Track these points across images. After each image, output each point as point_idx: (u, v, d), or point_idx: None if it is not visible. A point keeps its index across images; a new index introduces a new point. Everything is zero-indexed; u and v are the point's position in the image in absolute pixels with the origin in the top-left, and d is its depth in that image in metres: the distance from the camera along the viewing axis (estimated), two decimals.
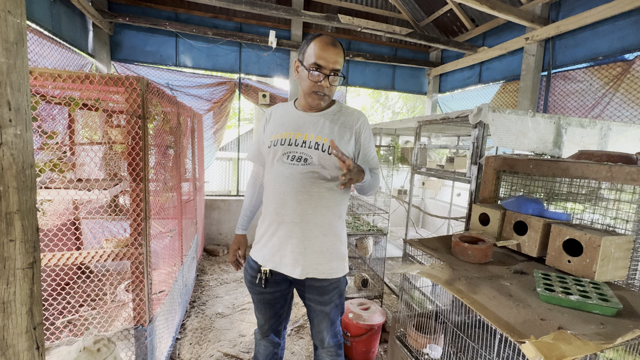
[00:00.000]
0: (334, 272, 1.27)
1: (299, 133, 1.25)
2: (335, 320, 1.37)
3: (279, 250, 1.25)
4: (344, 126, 1.25)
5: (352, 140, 1.26)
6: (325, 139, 1.21)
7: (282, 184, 1.22)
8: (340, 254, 1.30)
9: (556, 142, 1.95)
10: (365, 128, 1.29)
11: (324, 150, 1.20)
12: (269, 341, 1.48)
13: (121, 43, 4.03)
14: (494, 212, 1.58)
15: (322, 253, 1.25)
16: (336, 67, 1.18)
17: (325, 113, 1.27)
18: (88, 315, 2.14)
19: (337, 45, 1.19)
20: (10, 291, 0.62)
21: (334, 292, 1.30)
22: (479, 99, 4.63)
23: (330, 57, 1.15)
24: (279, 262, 1.25)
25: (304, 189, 1.20)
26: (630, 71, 2.80)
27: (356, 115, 1.29)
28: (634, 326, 0.87)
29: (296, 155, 1.23)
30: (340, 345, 1.41)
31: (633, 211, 1.32)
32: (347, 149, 1.24)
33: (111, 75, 1.38)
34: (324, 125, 1.24)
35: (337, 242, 1.29)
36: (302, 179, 1.20)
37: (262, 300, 1.36)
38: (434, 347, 1.38)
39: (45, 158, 1.56)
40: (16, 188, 0.62)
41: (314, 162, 1.20)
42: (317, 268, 1.24)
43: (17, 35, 0.60)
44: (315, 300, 1.30)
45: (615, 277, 1.17)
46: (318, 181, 1.21)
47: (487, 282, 1.16)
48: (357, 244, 2.82)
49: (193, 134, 3.08)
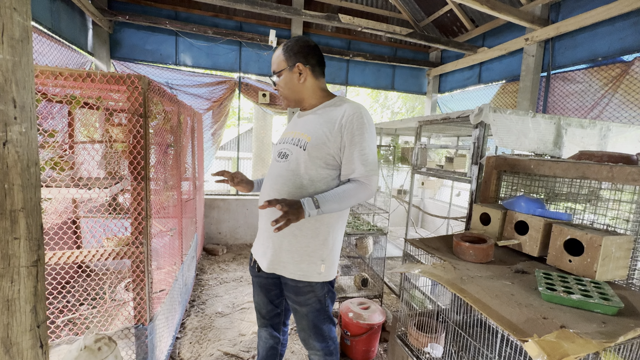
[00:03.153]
0: (304, 274, 1.21)
1: (292, 132, 1.29)
2: (318, 324, 1.31)
3: (258, 241, 1.36)
4: (329, 120, 1.18)
5: (338, 136, 1.15)
6: (305, 135, 1.21)
7: (267, 180, 1.30)
8: (314, 256, 1.21)
9: (556, 143, 1.95)
10: (353, 122, 1.14)
11: (301, 146, 1.20)
12: (268, 333, 1.50)
13: (121, 41, 4.02)
14: (495, 211, 1.58)
15: (291, 253, 1.21)
16: (273, 69, 1.27)
17: (316, 109, 1.27)
18: (89, 314, 2.13)
19: (278, 48, 1.26)
20: (15, 289, 0.62)
21: (309, 296, 1.25)
22: (479, 99, 4.64)
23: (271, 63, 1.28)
24: (256, 252, 1.36)
25: (276, 185, 1.23)
26: (629, 72, 2.81)
27: (346, 108, 1.18)
28: (635, 325, 0.87)
29: (282, 152, 1.26)
30: (330, 352, 1.36)
31: (633, 211, 1.33)
32: (327, 145, 1.16)
33: (113, 73, 1.37)
34: (310, 122, 1.24)
35: (313, 243, 1.21)
36: (279, 176, 1.23)
37: (259, 284, 1.42)
38: (435, 346, 1.39)
39: (45, 156, 1.56)
40: (21, 186, 0.62)
41: (292, 159, 1.21)
42: (285, 267, 1.23)
43: (22, 32, 0.59)
44: (290, 298, 1.31)
45: (616, 277, 1.18)
46: (292, 179, 1.19)
47: (489, 281, 1.17)
48: (357, 243, 2.82)
49: (193, 133, 3.07)
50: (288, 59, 1.22)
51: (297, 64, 1.21)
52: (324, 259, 1.23)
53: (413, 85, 5.51)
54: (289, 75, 1.23)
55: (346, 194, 1.13)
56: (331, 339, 1.36)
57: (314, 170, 1.17)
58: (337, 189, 1.15)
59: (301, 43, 1.23)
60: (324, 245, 1.22)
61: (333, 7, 4.75)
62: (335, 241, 1.26)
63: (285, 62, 1.22)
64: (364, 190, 1.15)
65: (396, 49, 5.24)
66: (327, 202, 1.11)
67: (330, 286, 1.31)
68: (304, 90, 1.25)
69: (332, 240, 1.25)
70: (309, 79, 1.24)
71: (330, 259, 1.26)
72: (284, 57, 1.22)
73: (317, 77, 1.26)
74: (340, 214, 1.25)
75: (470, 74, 4.77)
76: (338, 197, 1.12)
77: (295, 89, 1.24)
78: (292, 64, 1.22)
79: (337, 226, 1.26)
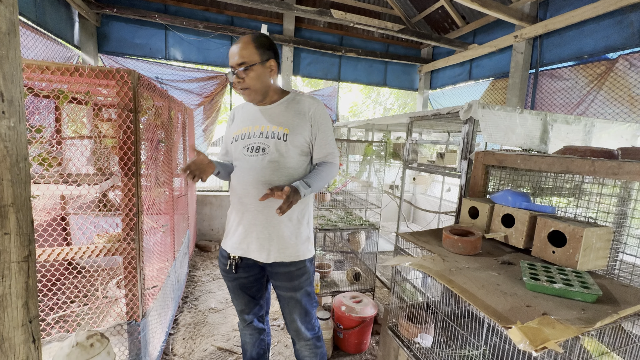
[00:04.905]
0: (300, 254, 1.32)
1: (257, 126, 1.32)
2: (309, 310, 1.40)
3: (245, 238, 1.31)
4: (299, 113, 1.30)
5: (308, 126, 1.30)
6: (281, 127, 1.28)
7: (245, 175, 1.29)
8: (304, 236, 1.35)
9: (543, 138, 2.01)
10: (320, 113, 1.31)
11: (280, 138, 1.26)
12: (253, 328, 1.53)
13: (108, 35, 3.93)
14: (482, 205, 1.62)
15: (288, 237, 1.30)
16: (239, 62, 1.23)
17: (279, 103, 1.34)
18: (80, 311, 2.11)
19: (241, 40, 1.24)
20: (6, 284, 0.62)
21: (303, 278, 1.34)
22: (469, 95, 4.70)
23: (232, 56, 1.24)
24: (247, 249, 1.32)
25: (264, 178, 1.26)
26: (614, 70, 2.89)
27: (309, 102, 1.32)
28: (612, 311, 0.92)
29: (254, 147, 1.29)
30: (319, 337, 1.46)
31: (613, 204, 1.39)
32: (303, 135, 1.28)
33: (101, 68, 1.35)
34: (279, 115, 1.31)
35: (301, 225, 1.33)
36: (262, 168, 1.26)
37: (238, 286, 1.42)
38: (425, 336, 1.43)
39: (33, 152, 1.53)
40: (10, 181, 0.61)
41: (272, 151, 1.27)
42: (284, 252, 1.30)
43: (9, 25, 0.59)
44: (284, 287, 1.35)
45: (597, 267, 1.23)
46: (278, 169, 1.26)
47: (476, 272, 1.20)
48: (349, 238, 2.85)
49: (184, 129, 3.04)
50: (262, 54, 1.25)
51: (270, 59, 1.27)
52: (309, 236, 1.38)
53: (405, 81, 5.54)
54: (261, 70, 1.25)
55: (326, 172, 1.31)
56: (317, 325, 1.46)
57: (294, 159, 1.28)
58: (318, 170, 1.30)
59: (271, 40, 1.31)
60: (308, 224, 1.38)
61: (325, 2, 4.73)
62: (310, 219, 1.42)
63: (258, 56, 1.24)
64: (335, 168, 1.35)
65: (388, 45, 5.26)
66: (315, 182, 1.25)
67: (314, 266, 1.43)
68: (271, 86, 1.33)
69: (309, 219, 1.40)
70: (275, 75, 1.33)
71: (312, 236, 1.42)
72: (258, 51, 1.24)
73: (277, 74, 1.37)
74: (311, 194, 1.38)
75: (461, 70, 4.83)
76: (321, 177, 1.28)
77: (265, 84, 1.29)
78: (266, 59, 1.25)
79: (311, 206, 1.42)
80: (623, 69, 2.82)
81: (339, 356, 2.17)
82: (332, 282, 2.74)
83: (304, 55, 4.83)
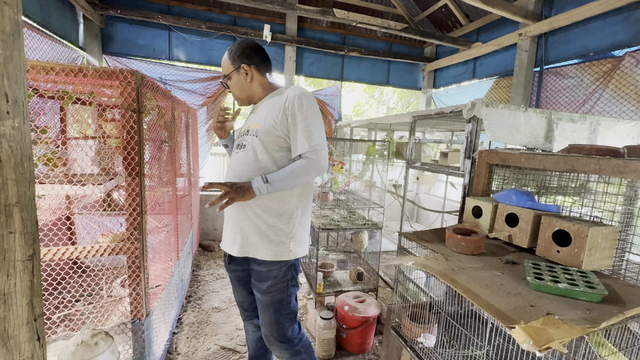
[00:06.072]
0: (272, 254, 1.27)
1: (248, 125, 1.39)
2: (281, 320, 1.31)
3: (224, 231, 1.40)
4: (274, 106, 1.29)
5: (283, 118, 1.24)
6: (258, 124, 1.31)
7: (230, 170, 1.37)
8: (282, 235, 1.28)
9: (547, 137, 1.98)
10: (294, 103, 1.22)
11: (254, 134, 1.30)
12: (253, 325, 1.55)
13: (113, 36, 3.96)
14: (486, 204, 1.61)
15: (259, 234, 1.28)
16: (223, 74, 1.38)
17: (264, 99, 1.39)
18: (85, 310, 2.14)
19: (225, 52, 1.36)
20: (11, 283, 0.63)
21: (272, 282, 1.28)
22: (473, 94, 4.67)
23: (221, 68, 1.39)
24: (224, 242, 1.40)
25: (241, 173, 1.30)
26: (620, 67, 2.85)
27: (287, 92, 1.28)
28: (618, 311, 0.91)
29: (239, 144, 1.37)
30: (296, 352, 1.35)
31: (619, 203, 1.37)
32: (275, 129, 1.25)
33: (105, 68, 1.36)
34: (261, 111, 1.35)
35: (279, 223, 1.28)
36: (240, 164, 1.31)
37: (236, 278, 1.46)
38: (428, 336, 1.42)
39: (38, 153, 1.54)
40: (15, 180, 0.62)
41: (248, 148, 1.31)
42: (257, 250, 1.29)
43: (13, 26, 0.59)
44: (255, 286, 1.35)
45: (602, 266, 1.21)
46: (250, 165, 1.29)
47: (480, 272, 1.19)
48: (352, 237, 2.85)
49: (187, 129, 3.06)
50: (233, 62, 1.34)
51: (241, 65, 1.33)
52: (292, 236, 1.31)
53: (408, 80, 5.52)
54: (237, 77, 1.35)
55: (295, 169, 1.20)
56: (296, 338, 1.37)
57: (268, 155, 1.27)
58: (287, 166, 1.23)
59: (243, 45, 1.34)
60: (289, 223, 1.30)
61: (328, 2, 4.72)
62: (301, 219, 1.33)
63: (231, 65, 1.34)
64: (312, 165, 1.20)
65: (391, 44, 5.24)
66: (276, 178, 1.19)
67: (295, 275, 1.35)
68: (252, 87, 1.37)
69: (298, 219, 1.32)
70: (256, 77, 1.36)
71: (299, 236, 1.33)
72: (230, 61, 1.34)
73: (263, 74, 1.38)
74: (301, 193, 1.32)
75: (465, 69, 4.80)
76: (287, 173, 1.20)
77: (244, 88, 1.37)
78: (238, 66, 1.33)
79: (301, 205, 1.33)
80: (629, 66, 2.78)
81: (342, 356, 2.17)
82: (335, 282, 2.74)
83: (306, 55, 4.83)
